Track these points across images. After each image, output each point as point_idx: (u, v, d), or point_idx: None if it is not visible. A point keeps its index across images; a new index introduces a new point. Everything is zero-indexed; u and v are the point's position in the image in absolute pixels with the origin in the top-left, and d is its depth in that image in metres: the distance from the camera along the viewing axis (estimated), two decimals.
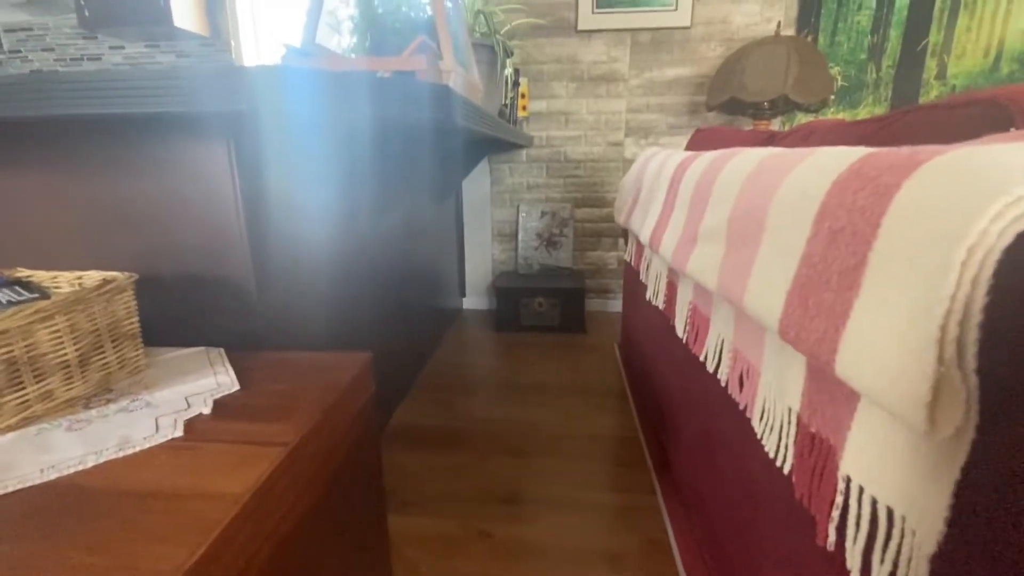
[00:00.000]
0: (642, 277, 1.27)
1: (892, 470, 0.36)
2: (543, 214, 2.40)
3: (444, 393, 1.69)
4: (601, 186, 2.39)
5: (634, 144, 2.32)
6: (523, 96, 2.20)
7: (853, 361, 0.36)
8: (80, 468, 0.48)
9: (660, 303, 1.12)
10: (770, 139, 1.08)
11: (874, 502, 0.38)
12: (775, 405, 0.57)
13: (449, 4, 1.06)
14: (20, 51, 2.48)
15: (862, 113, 2.16)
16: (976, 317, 0.28)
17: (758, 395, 0.61)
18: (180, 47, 2.36)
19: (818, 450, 0.47)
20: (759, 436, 0.61)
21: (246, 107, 0.61)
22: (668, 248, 0.91)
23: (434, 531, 1.06)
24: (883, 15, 2.06)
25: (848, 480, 0.41)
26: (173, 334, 0.81)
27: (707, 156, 0.85)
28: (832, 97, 2.15)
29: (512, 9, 2.13)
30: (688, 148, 1.54)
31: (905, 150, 0.39)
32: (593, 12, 2.16)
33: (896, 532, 0.36)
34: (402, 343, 1.65)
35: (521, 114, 2.22)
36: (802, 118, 2.18)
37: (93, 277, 0.69)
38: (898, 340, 0.32)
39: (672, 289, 1.03)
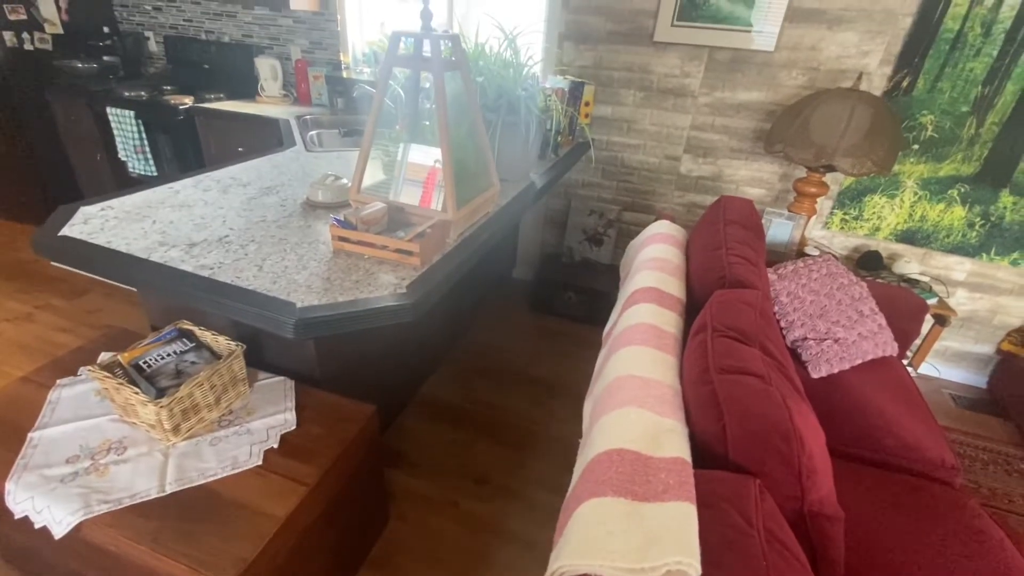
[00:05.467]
0: None
1: None
2: (591, 212, 2.58)
3: (468, 372, 2.15)
4: (651, 195, 2.49)
5: (691, 161, 2.36)
6: (587, 104, 2.29)
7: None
8: (213, 478, 0.99)
9: None
10: (750, 277, 1.25)
11: None
12: None
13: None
14: (176, 1, 2.97)
15: (945, 169, 2.00)
16: None
17: None
18: (296, 15, 2.73)
19: None
20: None
21: None
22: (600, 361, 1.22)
23: (423, 492, 1.58)
24: (1003, 65, 1.81)
25: None
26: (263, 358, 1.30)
27: (624, 323, 1.11)
28: (898, 154, 2.01)
29: (590, 8, 2.16)
30: (703, 218, 1.67)
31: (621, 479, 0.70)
32: (672, 24, 2.11)
33: None
34: (449, 316, 2.10)
35: (583, 121, 2.32)
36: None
37: (221, 343, 1.17)
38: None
39: None
